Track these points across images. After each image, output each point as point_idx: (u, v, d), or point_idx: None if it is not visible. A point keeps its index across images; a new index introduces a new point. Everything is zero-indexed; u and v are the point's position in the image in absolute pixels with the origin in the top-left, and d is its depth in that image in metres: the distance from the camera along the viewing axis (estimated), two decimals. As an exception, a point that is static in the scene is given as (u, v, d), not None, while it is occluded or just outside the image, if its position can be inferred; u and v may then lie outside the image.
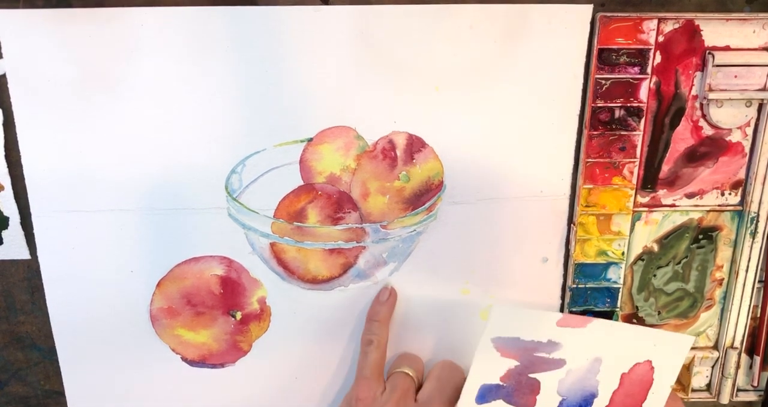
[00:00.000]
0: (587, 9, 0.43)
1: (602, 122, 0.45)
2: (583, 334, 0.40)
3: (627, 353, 0.41)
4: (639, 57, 0.44)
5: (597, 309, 0.49)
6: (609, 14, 0.43)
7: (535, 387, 0.41)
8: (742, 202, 0.48)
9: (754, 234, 0.48)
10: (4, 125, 0.44)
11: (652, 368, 0.41)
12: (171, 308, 0.48)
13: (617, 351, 0.41)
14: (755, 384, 0.52)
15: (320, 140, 0.46)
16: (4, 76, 0.43)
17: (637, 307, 0.50)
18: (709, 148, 0.47)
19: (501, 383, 0.41)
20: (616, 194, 0.47)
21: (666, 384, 0.41)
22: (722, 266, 0.50)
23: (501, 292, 0.49)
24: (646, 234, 0.49)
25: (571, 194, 0.47)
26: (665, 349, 0.41)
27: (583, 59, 0.44)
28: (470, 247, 0.48)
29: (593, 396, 0.41)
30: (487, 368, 0.41)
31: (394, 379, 0.45)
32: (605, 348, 0.41)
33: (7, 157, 0.45)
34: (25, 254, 0.47)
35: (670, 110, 0.46)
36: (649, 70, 0.44)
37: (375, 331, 0.46)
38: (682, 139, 0.46)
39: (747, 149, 0.47)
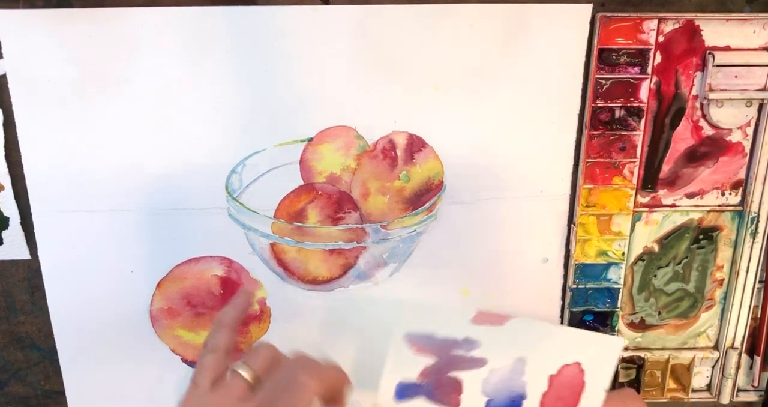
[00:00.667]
0: (587, 9, 0.43)
1: (602, 122, 0.45)
2: (503, 332, 0.39)
3: (553, 354, 0.39)
4: (639, 57, 0.44)
5: (597, 309, 0.49)
6: (609, 14, 0.43)
7: (457, 387, 0.40)
8: (743, 202, 0.48)
9: (754, 234, 0.48)
10: (4, 125, 0.44)
11: (582, 370, 0.39)
12: (171, 308, 0.48)
13: (542, 352, 0.39)
14: (755, 384, 0.52)
15: (320, 140, 0.46)
16: (4, 76, 0.43)
17: (637, 307, 0.50)
18: (710, 148, 0.47)
19: (419, 381, 0.40)
20: (616, 194, 0.47)
21: (599, 388, 0.39)
22: (722, 267, 0.50)
23: (501, 292, 0.49)
24: (647, 234, 0.49)
25: (571, 194, 0.47)
26: (594, 351, 0.39)
27: (583, 59, 0.44)
28: (470, 247, 0.48)
29: (521, 397, 0.39)
30: (403, 365, 0.40)
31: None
32: (528, 347, 0.39)
33: (7, 157, 0.45)
34: (25, 254, 0.47)
35: (670, 110, 0.46)
36: (649, 70, 0.44)
37: (214, 335, 0.38)
38: (682, 139, 0.46)
39: (747, 149, 0.47)
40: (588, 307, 0.49)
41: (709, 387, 0.53)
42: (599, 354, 0.39)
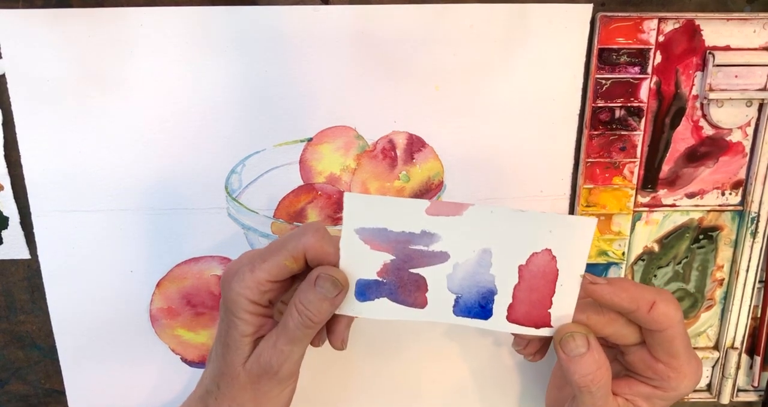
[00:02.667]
0: (587, 9, 0.43)
1: (602, 122, 0.45)
2: (462, 223, 0.36)
3: (519, 242, 0.36)
4: (639, 57, 0.44)
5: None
6: (609, 14, 0.43)
7: (420, 284, 0.37)
8: (743, 202, 0.48)
9: (754, 234, 0.48)
10: (4, 125, 0.44)
11: (554, 257, 0.36)
12: (171, 308, 0.48)
13: (507, 241, 0.36)
14: (755, 384, 0.52)
15: (320, 140, 0.45)
16: (3, 76, 0.43)
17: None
18: (710, 148, 0.47)
19: (379, 278, 0.37)
20: (616, 194, 0.47)
21: (575, 273, 0.37)
22: (723, 267, 0.50)
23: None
24: (647, 234, 0.49)
25: (571, 194, 0.47)
26: (564, 234, 0.36)
27: (584, 59, 0.44)
28: (470, 247, 0.48)
29: (492, 293, 0.37)
30: (358, 261, 0.37)
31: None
32: (491, 237, 0.36)
33: (6, 157, 0.45)
34: (25, 254, 0.47)
35: (670, 109, 0.46)
36: (649, 70, 0.44)
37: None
38: (682, 139, 0.46)
39: (747, 149, 0.47)
40: (588, 307, 0.49)
41: (709, 387, 0.53)
42: (570, 237, 0.36)
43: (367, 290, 0.37)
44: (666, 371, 0.38)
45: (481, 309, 0.38)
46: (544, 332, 0.38)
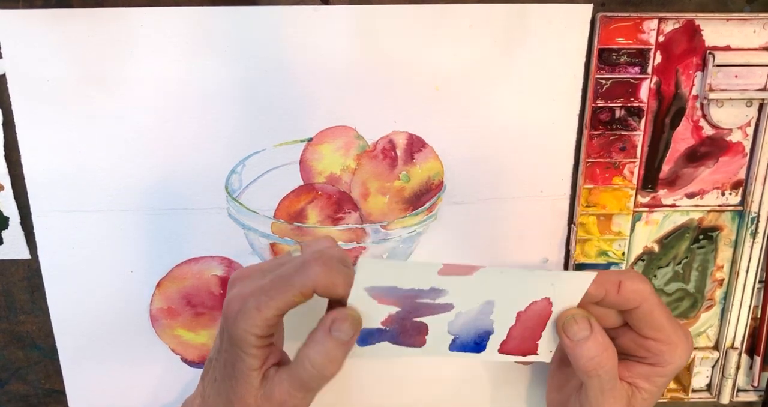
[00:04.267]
0: (587, 9, 0.43)
1: (602, 122, 0.45)
2: (470, 281, 0.36)
3: (522, 294, 0.37)
4: (639, 57, 0.44)
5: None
6: (609, 14, 0.43)
7: (422, 329, 0.37)
8: (743, 202, 0.48)
9: (754, 234, 0.48)
10: (4, 125, 0.44)
11: (551, 303, 0.37)
12: (171, 308, 0.48)
13: (511, 294, 0.37)
14: (755, 384, 0.52)
15: (320, 140, 0.46)
16: (4, 76, 0.43)
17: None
18: (710, 148, 0.47)
19: (383, 327, 0.37)
20: (616, 194, 0.47)
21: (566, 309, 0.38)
22: (722, 267, 0.50)
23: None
24: (647, 234, 0.49)
25: (571, 194, 0.47)
26: (565, 286, 0.37)
27: (584, 59, 0.44)
28: (470, 247, 0.48)
29: (488, 333, 0.38)
30: (363, 313, 0.36)
31: None
32: (497, 292, 0.37)
33: (7, 157, 0.45)
34: (25, 254, 0.47)
35: (670, 110, 0.46)
36: (649, 70, 0.44)
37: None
38: (682, 139, 0.46)
39: (747, 149, 0.47)
40: (588, 307, 0.49)
41: (709, 387, 0.53)
42: (569, 287, 0.37)
43: (369, 337, 0.38)
44: (656, 346, 0.38)
45: (476, 345, 0.38)
46: (530, 358, 0.39)
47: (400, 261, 0.36)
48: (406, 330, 0.37)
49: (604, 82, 0.44)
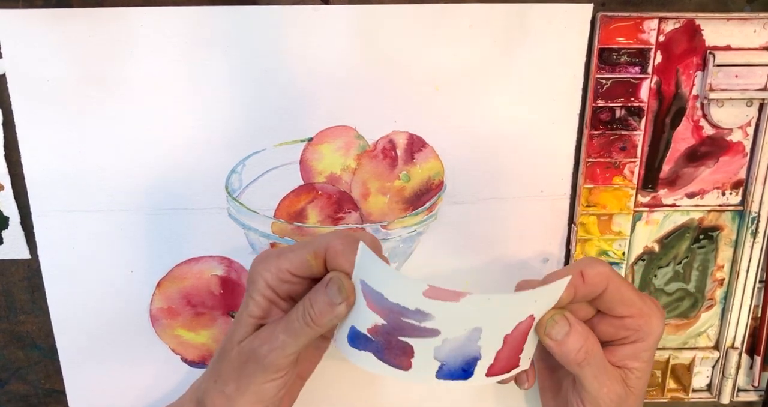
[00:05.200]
0: (587, 8, 0.43)
1: (603, 122, 0.45)
2: (457, 307, 0.35)
3: (509, 318, 0.37)
4: (640, 57, 0.44)
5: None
6: (609, 14, 0.43)
7: (407, 350, 0.37)
8: (743, 202, 0.48)
9: (754, 234, 0.48)
10: (4, 125, 0.44)
11: (533, 318, 0.38)
12: (171, 308, 0.48)
13: (498, 320, 0.37)
14: (756, 384, 0.52)
15: (320, 140, 0.45)
16: (3, 76, 0.43)
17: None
18: (710, 148, 0.47)
19: (369, 335, 0.37)
20: (616, 194, 0.47)
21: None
22: (723, 266, 0.50)
23: (501, 293, 0.49)
24: (647, 234, 0.49)
25: (571, 194, 0.47)
26: (544, 300, 0.38)
27: (584, 59, 0.44)
28: (470, 247, 0.48)
29: (476, 359, 0.37)
30: (356, 310, 0.37)
31: None
32: (485, 318, 0.36)
33: (7, 157, 0.45)
34: (25, 254, 0.47)
35: (670, 109, 0.46)
36: (649, 69, 0.44)
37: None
38: (682, 139, 0.46)
39: (748, 149, 0.47)
40: (588, 307, 0.49)
41: (709, 387, 0.53)
42: (548, 299, 0.38)
43: (357, 339, 0.37)
44: (632, 322, 0.39)
45: (464, 372, 0.38)
46: (514, 372, 0.39)
47: (390, 268, 0.35)
48: (391, 347, 0.37)
49: (604, 82, 0.44)
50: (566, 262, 0.49)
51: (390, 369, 0.38)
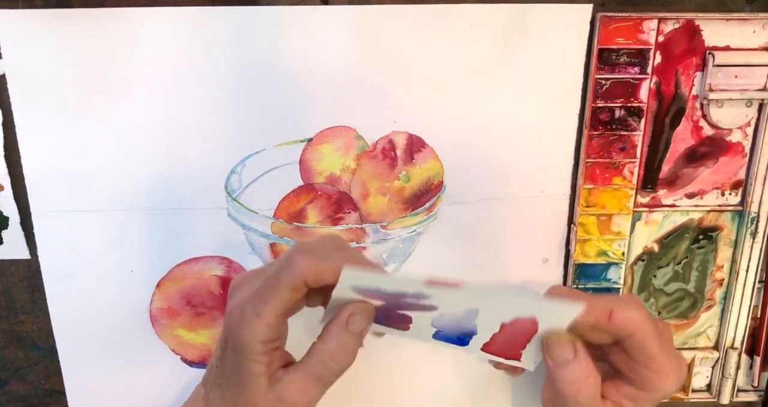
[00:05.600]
0: (587, 9, 0.43)
1: (602, 122, 0.45)
2: (456, 292, 0.36)
3: (508, 308, 0.37)
4: (639, 57, 0.44)
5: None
6: (609, 14, 0.43)
7: (406, 319, 0.38)
8: (743, 202, 0.48)
9: (754, 234, 0.48)
10: (4, 125, 0.44)
11: (536, 322, 0.37)
12: (171, 308, 0.48)
13: (497, 307, 0.37)
14: (755, 384, 0.52)
15: (320, 140, 0.46)
16: (3, 76, 0.43)
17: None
18: (710, 148, 0.47)
19: None
20: (616, 195, 0.47)
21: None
22: (722, 267, 0.50)
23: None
24: (647, 234, 0.49)
25: (571, 194, 0.47)
26: (552, 312, 0.37)
27: (583, 59, 0.44)
28: (470, 247, 0.48)
29: (472, 333, 0.38)
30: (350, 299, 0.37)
31: None
32: (483, 303, 0.36)
33: (7, 157, 0.45)
34: (25, 254, 0.47)
35: (670, 110, 0.46)
36: (649, 70, 0.44)
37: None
38: (682, 139, 0.46)
39: (747, 149, 0.47)
40: (588, 307, 0.49)
41: (709, 387, 0.53)
42: (556, 313, 0.36)
43: None
44: (646, 372, 0.37)
45: (459, 340, 0.38)
46: (512, 363, 0.39)
47: (384, 276, 0.36)
48: (390, 317, 0.38)
49: (603, 82, 0.44)
50: (566, 262, 0.49)
51: (389, 329, 0.39)
